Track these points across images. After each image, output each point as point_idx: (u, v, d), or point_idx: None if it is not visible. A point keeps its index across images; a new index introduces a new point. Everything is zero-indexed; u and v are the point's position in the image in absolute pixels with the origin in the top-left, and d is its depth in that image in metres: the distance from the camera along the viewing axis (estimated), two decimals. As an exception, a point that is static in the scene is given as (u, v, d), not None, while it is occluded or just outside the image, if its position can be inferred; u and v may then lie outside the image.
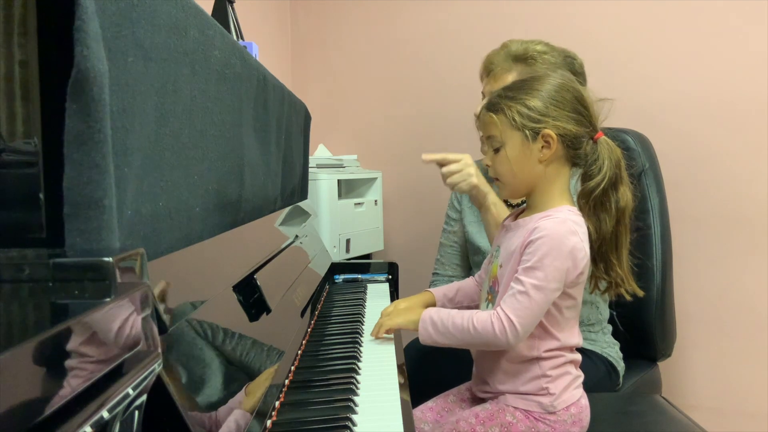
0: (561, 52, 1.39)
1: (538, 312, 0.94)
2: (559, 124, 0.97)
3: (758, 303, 1.75)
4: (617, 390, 1.40)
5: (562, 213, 0.97)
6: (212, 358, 0.64)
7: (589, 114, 0.99)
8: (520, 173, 1.00)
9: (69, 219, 0.44)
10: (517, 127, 0.98)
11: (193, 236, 0.70)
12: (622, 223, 1.00)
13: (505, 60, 1.37)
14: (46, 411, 0.31)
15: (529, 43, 1.38)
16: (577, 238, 0.95)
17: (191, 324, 0.61)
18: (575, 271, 0.95)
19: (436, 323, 0.99)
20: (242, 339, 0.74)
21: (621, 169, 1.00)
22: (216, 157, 0.77)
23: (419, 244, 2.16)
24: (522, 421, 0.99)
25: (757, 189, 1.73)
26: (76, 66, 0.43)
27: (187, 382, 0.55)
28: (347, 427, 0.71)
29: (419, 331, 1.00)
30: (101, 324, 0.37)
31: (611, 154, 0.99)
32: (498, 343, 0.95)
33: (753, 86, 1.71)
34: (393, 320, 1.04)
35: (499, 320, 0.94)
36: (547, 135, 0.97)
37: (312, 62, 2.37)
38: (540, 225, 0.95)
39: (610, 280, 1.03)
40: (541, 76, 1.01)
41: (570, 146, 0.98)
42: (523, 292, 0.93)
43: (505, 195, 1.07)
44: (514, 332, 0.93)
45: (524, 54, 1.35)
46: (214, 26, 0.76)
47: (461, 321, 0.97)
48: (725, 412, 1.80)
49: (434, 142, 2.14)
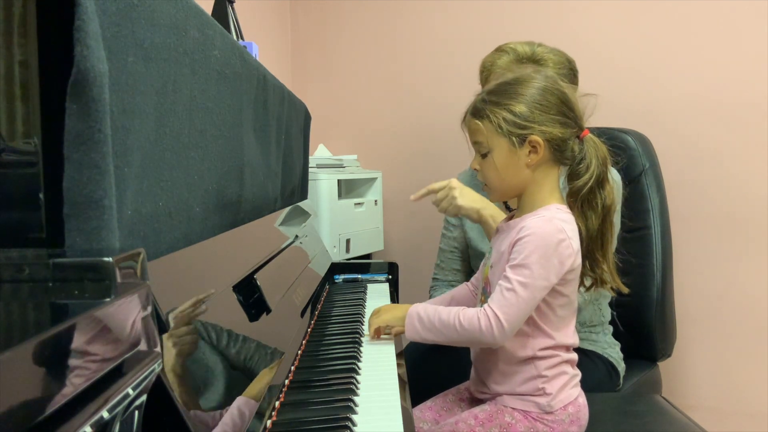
0: (558, 52, 1.39)
1: (525, 309, 0.94)
2: (545, 129, 0.96)
3: (758, 303, 1.75)
4: (617, 390, 1.40)
5: (550, 211, 0.97)
6: (212, 358, 0.64)
7: (574, 114, 0.99)
8: (508, 178, 1.00)
9: (69, 219, 0.44)
10: (503, 133, 0.98)
11: (193, 236, 0.70)
12: (608, 221, 1.00)
13: (513, 63, 1.35)
14: (46, 411, 0.31)
15: (530, 45, 1.37)
16: (564, 236, 0.95)
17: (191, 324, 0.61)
18: (562, 268, 0.95)
19: (423, 319, 0.99)
20: (242, 339, 0.74)
21: (607, 166, 1.00)
22: (216, 157, 0.77)
23: (419, 244, 2.16)
24: (521, 422, 0.99)
25: (757, 189, 1.73)
26: (76, 66, 0.43)
27: (187, 382, 0.55)
28: (347, 427, 0.71)
29: (406, 326, 1.00)
30: (101, 324, 0.37)
31: (597, 152, 0.99)
32: (484, 340, 0.95)
33: (753, 86, 1.71)
34: (380, 317, 1.05)
35: (486, 317, 0.94)
36: (534, 141, 0.97)
37: (312, 62, 2.37)
38: (526, 224, 0.96)
39: (595, 277, 1.03)
40: (525, 79, 1.00)
41: (557, 149, 0.98)
42: (509, 289, 0.93)
43: (493, 199, 1.08)
44: (500, 328, 0.93)
45: (533, 56, 1.35)
46: (214, 26, 0.76)
47: (447, 317, 0.97)
48: (725, 412, 1.80)
49: (434, 142, 2.14)
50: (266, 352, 0.80)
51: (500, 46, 1.42)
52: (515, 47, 1.37)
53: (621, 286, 1.04)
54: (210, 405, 0.58)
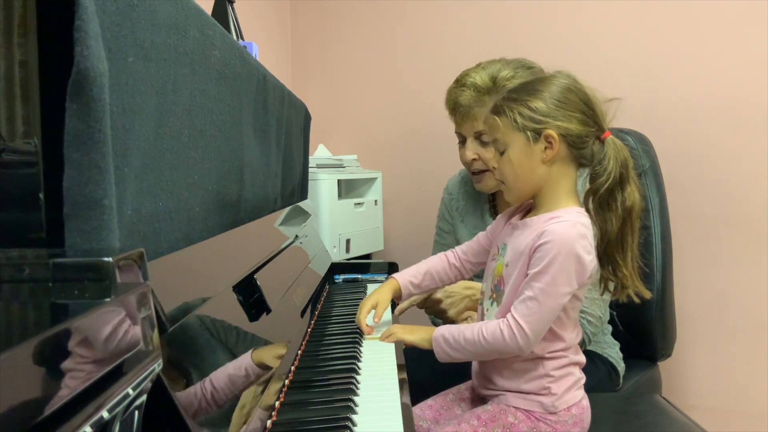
0: (522, 65, 1.32)
1: (548, 317, 0.94)
2: (561, 124, 0.95)
3: (758, 303, 1.75)
4: (617, 390, 1.40)
5: (572, 215, 0.96)
6: (212, 358, 0.64)
7: (594, 114, 0.97)
8: (524, 175, 0.99)
9: (69, 219, 0.44)
10: (519, 128, 0.97)
11: (193, 236, 0.70)
12: (628, 224, 0.99)
13: (475, 99, 1.30)
14: (46, 411, 0.31)
15: (489, 72, 1.31)
16: (586, 242, 0.94)
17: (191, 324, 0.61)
18: (584, 275, 0.94)
19: (449, 340, 0.99)
20: (242, 339, 0.74)
21: (628, 169, 0.98)
22: (216, 157, 0.77)
23: (419, 244, 2.15)
24: (524, 422, 0.98)
25: (757, 189, 1.73)
26: (76, 66, 0.43)
27: (188, 382, 0.55)
28: (347, 427, 0.71)
29: (435, 351, 1.01)
30: (101, 324, 0.37)
31: (617, 153, 0.97)
32: (509, 350, 0.95)
33: (753, 86, 1.71)
34: (406, 336, 1.05)
35: (509, 327, 0.94)
36: (549, 135, 0.95)
37: (312, 62, 2.37)
38: (548, 228, 0.94)
39: (617, 281, 1.02)
40: (546, 78, 1.00)
41: (573, 146, 0.97)
42: (532, 297, 0.93)
43: (509, 198, 1.05)
44: (524, 337, 0.93)
45: (495, 86, 1.29)
46: (214, 26, 0.76)
47: (471, 334, 0.97)
48: (725, 412, 1.80)
49: (434, 143, 2.14)
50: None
51: (460, 78, 1.35)
52: (475, 80, 1.30)
53: (643, 290, 1.02)
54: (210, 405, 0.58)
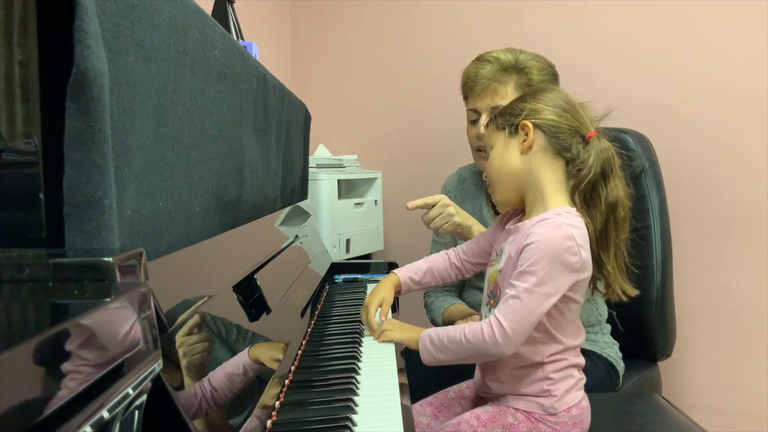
0: (540, 58, 1.39)
1: (531, 317, 0.92)
2: (537, 115, 1.00)
3: (758, 303, 1.75)
4: (617, 390, 1.40)
5: (560, 216, 0.95)
6: (212, 357, 0.64)
7: (574, 110, 1.00)
8: (504, 167, 1.02)
9: (69, 219, 0.44)
10: (499, 127, 1.04)
11: (193, 236, 0.70)
12: (611, 219, 0.98)
13: (497, 72, 1.35)
14: (46, 411, 0.31)
15: (512, 52, 1.37)
16: (572, 242, 0.93)
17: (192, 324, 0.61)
18: (570, 276, 0.93)
19: (434, 340, 0.99)
20: (242, 339, 0.74)
21: (612, 165, 0.99)
22: (216, 157, 0.77)
23: (419, 244, 2.15)
24: (523, 423, 0.98)
25: (757, 189, 1.73)
26: (76, 66, 0.43)
27: (188, 382, 0.55)
28: (347, 427, 0.71)
29: (420, 351, 1.01)
30: (101, 324, 0.37)
31: (601, 151, 0.98)
32: (489, 351, 0.93)
33: (753, 86, 1.71)
34: (395, 335, 1.05)
35: (489, 326, 0.93)
36: (524, 125, 1.00)
37: (312, 62, 2.37)
38: (534, 230, 0.94)
39: (603, 279, 1.01)
40: (534, 89, 1.08)
41: (551, 135, 0.99)
42: (515, 296, 0.92)
43: (495, 198, 1.07)
44: (504, 336, 0.91)
45: (516, 64, 1.35)
46: (214, 26, 0.76)
47: (454, 333, 0.96)
48: (725, 412, 1.80)
49: (434, 143, 2.14)
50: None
51: (481, 55, 1.41)
52: (498, 56, 1.37)
53: (627, 288, 1.01)
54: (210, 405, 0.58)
